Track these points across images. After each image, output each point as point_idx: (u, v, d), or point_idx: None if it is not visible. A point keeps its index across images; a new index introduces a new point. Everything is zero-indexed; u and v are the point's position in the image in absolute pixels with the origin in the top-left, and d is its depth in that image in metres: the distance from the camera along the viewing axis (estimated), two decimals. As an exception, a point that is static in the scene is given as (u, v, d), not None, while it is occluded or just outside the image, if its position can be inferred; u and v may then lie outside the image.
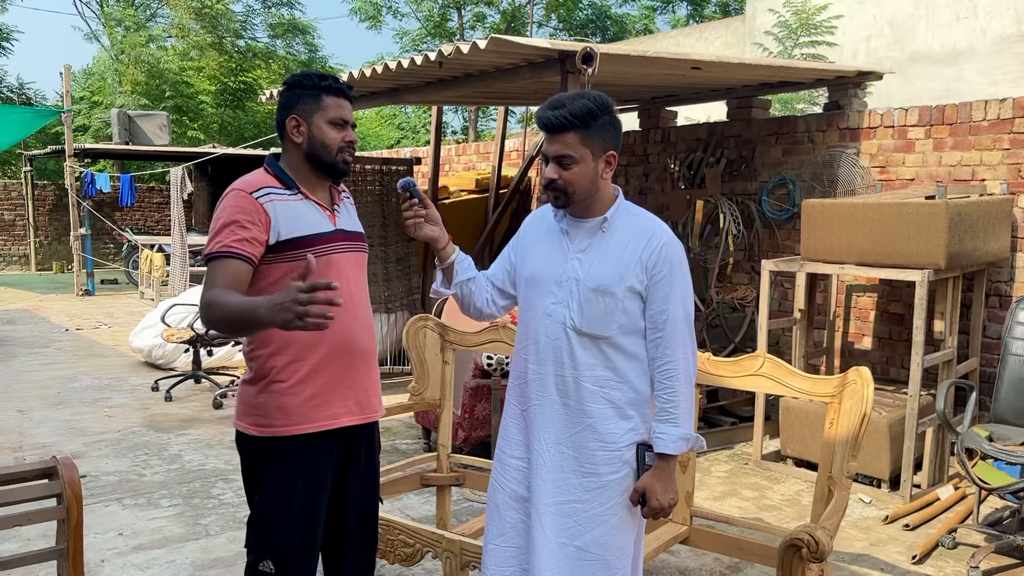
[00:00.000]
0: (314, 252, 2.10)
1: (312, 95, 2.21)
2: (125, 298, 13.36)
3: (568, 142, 2.08)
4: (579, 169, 2.10)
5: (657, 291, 2.15)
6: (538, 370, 2.20)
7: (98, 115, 20.07)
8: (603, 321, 2.14)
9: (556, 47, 4.23)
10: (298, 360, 2.18)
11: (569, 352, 2.16)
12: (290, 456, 2.20)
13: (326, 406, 2.22)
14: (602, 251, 2.16)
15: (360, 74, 5.36)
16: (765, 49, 12.16)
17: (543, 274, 2.21)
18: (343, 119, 2.23)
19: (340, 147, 2.22)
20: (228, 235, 2.09)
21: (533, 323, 2.22)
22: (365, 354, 2.29)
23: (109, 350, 8.78)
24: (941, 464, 4.75)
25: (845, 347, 5.76)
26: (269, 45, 23.44)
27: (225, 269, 2.07)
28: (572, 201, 2.14)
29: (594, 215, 2.18)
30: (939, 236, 4.26)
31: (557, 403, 2.18)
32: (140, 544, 3.85)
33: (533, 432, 2.21)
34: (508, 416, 2.31)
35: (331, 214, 2.26)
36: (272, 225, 2.12)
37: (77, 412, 6.18)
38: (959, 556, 3.83)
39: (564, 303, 2.16)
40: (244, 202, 2.13)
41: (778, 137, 6.14)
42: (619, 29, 23.85)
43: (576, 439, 2.17)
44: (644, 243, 2.15)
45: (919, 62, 11.39)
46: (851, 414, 2.80)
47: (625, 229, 2.17)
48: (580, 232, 2.20)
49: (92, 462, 5.00)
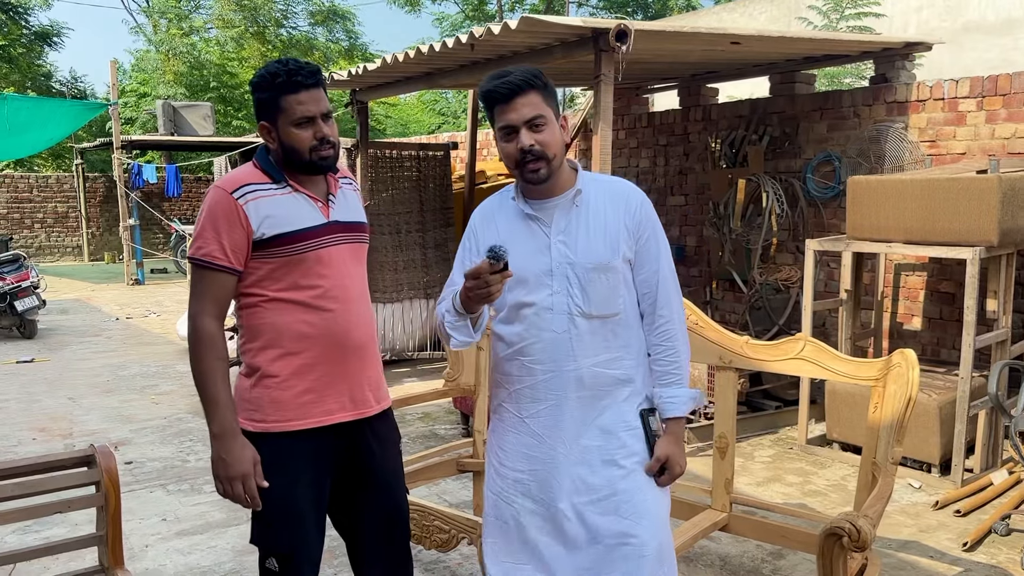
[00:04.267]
0: (303, 247, 2.08)
1: (270, 98, 2.07)
2: (174, 287, 13.62)
3: (534, 102, 1.94)
4: (550, 129, 1.96)
5: (646, 253, 2.07)
6: (548, 369, 2.02)
7: (145, 107, 20.42)
8: (609, 299, 2.03)
9: (589, 25, 4.15)
10: (290, 354, 2.11)
11: (579, 341, 2.01)
12: (285, 452, 2.13)
13: (320, 402, 2.14)
14: (584, 226, 2.02)
15: (393, 59, 5.33)
16: (810, 23, 11.85)
17: (527, 268, 2.00)
18: (306, 116, 2.06)
19: (312, 146, 2.08)
20: (209, 240, 2.06)
21: (529, 322, 2.02)
22: (359, 348, 2.18)
23: (158, 338, 8.95)
24: (994, 448, 4.59)
25: (894, 328, 5.59)
26: (310, 33, 23.60)
27: (211, 283, 2.08)
28: (552, 170, 1.97)
29: (561, 191, 2.04)
30: (991, 212, 4.09)
31: (573, 399, 2.03)
32: (183, 530, 3.91)
33: (547, 436, 2.05)
34: (503, 426, 2.13)
35: (324, 206, 2.16)
36: (252, 225, 2.05)
37: (125, 399, 6.31)
38: (1012, 543, 3.69)
39: (564, 291, 2.01)
40: (224, 202, 2.06)
41: (823, 112, 5.96)
42: (661, 7, 23.46)
43: (599, 429, 2.04)
44: (623, 208, 2.05)
45: (972, 32, 10.98)
46: (896, 398, 2.71)
47: (598, 198, 2.05)
48: (551, 213, 2.03)
49: (138, 448, 5.10)
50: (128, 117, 20.83)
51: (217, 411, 2.07)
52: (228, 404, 2.08)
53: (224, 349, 2.12)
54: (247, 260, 2.08)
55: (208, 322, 2.09)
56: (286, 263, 2.08)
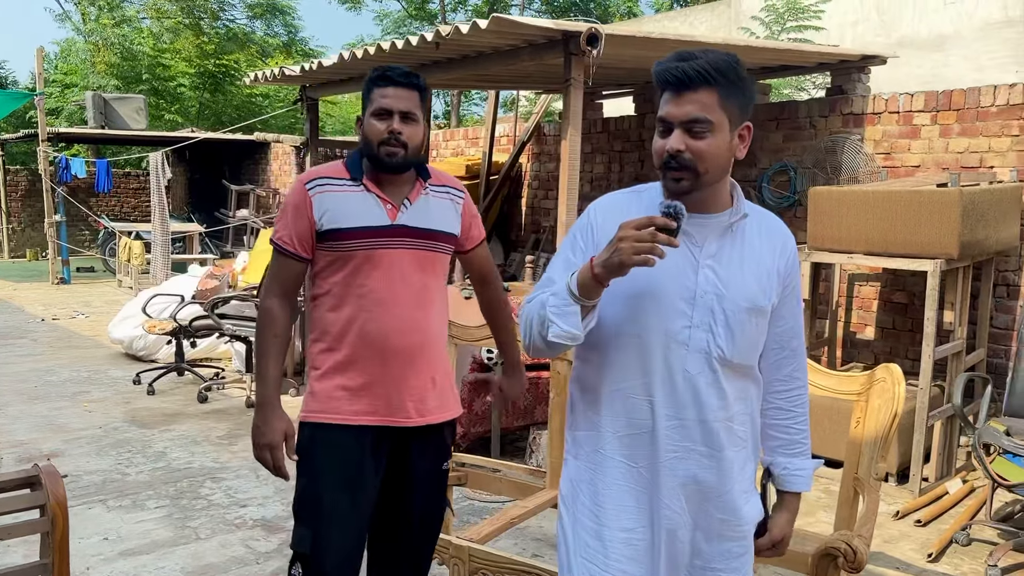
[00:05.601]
0: (355, 245, 2.14)
1: (365, 91, 2.19)
2: (102, 286, 13.05)
3: (705, 102, 1.58)
4: (715, 140, 1.60)
5: (787, 305, 1.78)
6: (676, 415, 1.68)
7: (72, 98, 19.59)
8: (754, 347, 1.74)
9: (560, 27, 4.06)
10: (331, 349, 2.19)
11: (716, 389, 1.68)
12: (313, 444, 2.20)
13: (352, 400, 2.17)
14: (738, 258, 1.69)
15: (351, 56, 5.15)
16: (752, 33, 12.04)
17: (662, 287, 1.66)
18: (384, 108, 2.13)
19: (382, 139, 2.12)
20: (283, 227, 2.20)
21: (653, 353, 1.68)
22: (402, 355, 2.17)
23: (87, 341, 8.52)
24: (949, 457, 4.66)
25: (847, 337, 5.66)
26: (247, 27, 23.01)
27: (280, 266, 2.23)
28: (700, 185, 1.62)
29: (718, 209, 1.69)
30: (952, 225, 4.15)
31: (703, 455, 1.70)
32: (127, 549, 3.66)
33: (662, 494, 1.72)
34: (612, 478, 1.75)
35: (393, 208, 2.17)
36: (315, 216, 2.15)
37: (55, 407, 5.96)
38: (974, 553, 3.74)
39: (705, 327, 1.66)
40: (297, 192, 2.19)
41: (779, 122, 6.01)
42: (602, 12, 23.61)
43: (725, 497, 1.74)
44: (779, 249, 1.74)
45: (905, 47, 11.31)
46: (880, 413, 2.69)
47: (755, 229, 1.73)
48: (703, 231, 1.68)
49: (73, 461, 4.80)
50: (52, 108, 19.95)
51: (261, 382, 2.22)
52: (274, 377, 2.20)
53: (281, 327, 2.22)
54: (314, 249, 2.19)
55: (271, 300, 2.22)
56: (339, 258, 2.16)
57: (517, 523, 3.19)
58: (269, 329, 2.22)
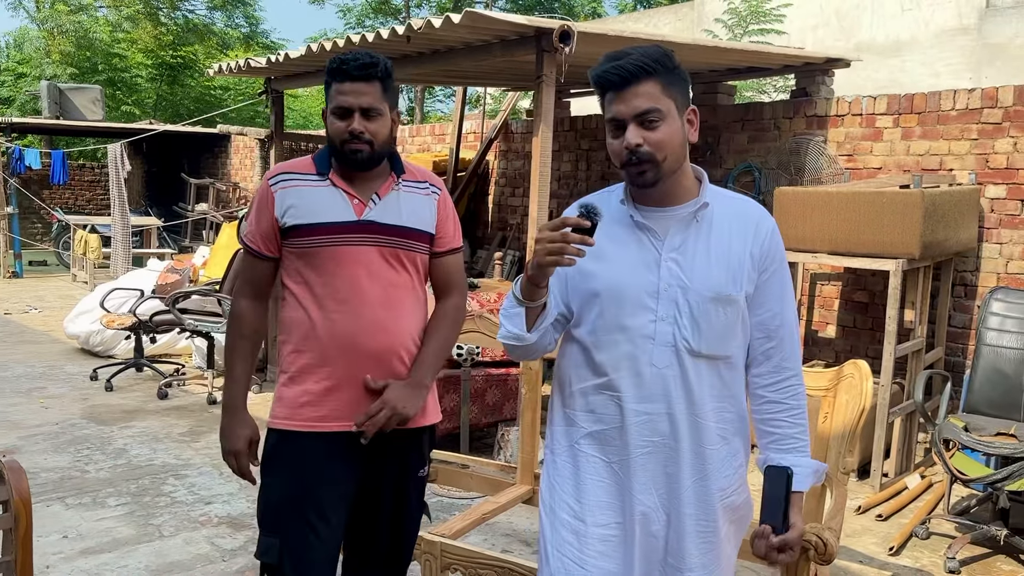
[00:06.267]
0: (317, 242, 2.05)
1: (326, 84, 2.07)
2: (56, 280, 12.74)
3: (650, 93, 1.61)
4: (668, 127, 1.62)
5: (769, 290, 1.74)
6: (645, 409, 1.68)
7: (25, 87, 19.10)
8: (725, 338, 1.70)
9: (533, 24, 4.06)
10: (297, 351, 2.09)
11: (683, 382, 1.68)
12: (278, 451, 2.11)
13: (317, 405, 2.06)
14: (704, 247, 1.69)
15: (319, 48, 5.09)
16: (715, 36, 12.17)
17: (627, 284, 1.67)
18: (342, 106, 2.00)
19: (343, 139, 2.01)
20: (249, 225, 2.15)
21: (622, 350, 1.69)
22: (372, 358, 2.06)
23: (41, 336, 8.31)
24: (908, 453, 4.77)
25: (809, 336, 5.75)
26: (207, 18, 22.65)
27: (247, 264, 2.18)
28: (662, 174, 1.64)
29: (682, 200, 1.70)
30: (914, 226, 4.24)
31: (672, 449, 1.70)
32: (88, 548, 3.58)
33: (634, 490, 1.71)
34: (586, 473, 1.75)
35: (360, 204, 2.06)
36: (277, 213, 2.08)
37: (10, 403, 5.80)
38: (933, 546, 3.83)
39: (671, 319, 1.67)
40: (262, 188, 2.13)
41: (744, 124, 6.08)
42: (567, 12, 23.69)
43: (696, 494, 1.72)
44: (752, 233, 1.72)
45: (864, 51, 11.53)
46: (848, 408, 2.74)
47: (723, 217, 1.72)
48: (665, 224, 1.69)
49: (30, 458, 4.67)
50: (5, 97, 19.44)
51: (229, 384, 2.17)
52: (240, 380, 2.16)
53: (250, 328, 2.17)
54: (280, 247, 2.12)
55: (239, 301, 2.18)
56: (302, 255, 2.07)
57: (489, 518, 3.19)
58: (237, 330, 2.16)
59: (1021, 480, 3.53)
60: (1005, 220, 4.86)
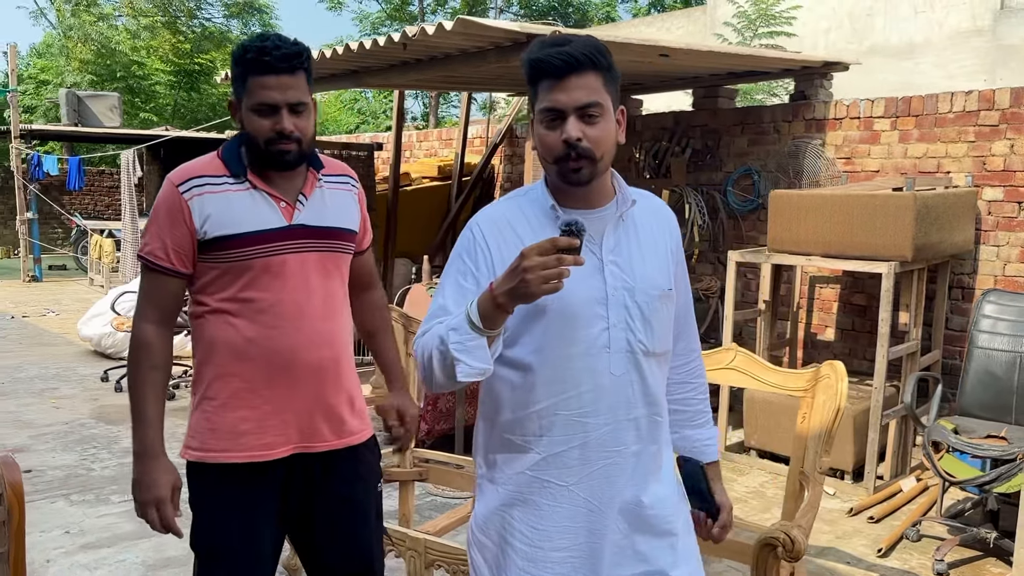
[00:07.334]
0: (249, 253, 1.85)
1: (239, 75, 1.84)
2: (74, 284, 12.97)
3: (592, 86, 1.52)
4: (606, 124, 1.54)
5: (680, 282, 1.74)
6: (606, 421, 1.60)
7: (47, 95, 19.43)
8: (668, 333, 1.70)
9: (524, 30, 4.12)
10: (228, 375, 1.88)
11: (641, 384, 1.63)
12: (220, 486, 1.92)
13: (260, 432, 1.89)
14: (636, 247, 1.64)
15: (320, 55, 5.19)
16: (725, 40, 12.18)
17: (571, 296, 1.53)
18: (266, 103, 1.80)
19: (268, 138, 1.82)
20: (154, 238, 1.88)
21: (577, 365, 1.59)
22: (313, 373, 1.91)
23: (57, 338, 8.48)
24: (904, 456, 4.77)
25: (808, 338, 5.77)
26: (224, 26, 22.93)
27: (153, 285, 1.90)
28: (597, 172, 1.56)
29: (604, 200, 1.63)
30: (906, 228, 4.25)
31: (632, 453, 1.64)
32: (88, 543, 3.68)
33: (599, 502, 1.63)
34: (542, 499, 1.63)
35: (288, 206, 1.89)
36: (195, 223, 1.84)
37: (23, 403, 5.94)
38: (923, 548, 3.84)
39: (623, 325, 1.59)
40: (169, 196, 1.87)
41: (744, 127, 6.11)
42: (581, 16, 23.79)
43: (653, 490, 1.68)
44: (667, 228, 1.72)
45: (877, 54, 11.51)
46: (824, 408, 2.76)
47: (644, 214, 1.68)
48: (599, 226, 1.61)
49: (38, 456, 4.80)
50: (29, 106, 19.78)
51: (140, 427, 1.89)
52: (154, 420, 1.89)
53: (161, 358, 1.91)
54: (195, 262, 1.88)
55: (145, 327, 1.89)
56: (229, 269, 1.86)
57: (474, 516, 3.25)
58: (145, 361, 1.88)
59: (1009, 482, 3.53)
60: (1002, 222, 4.86)
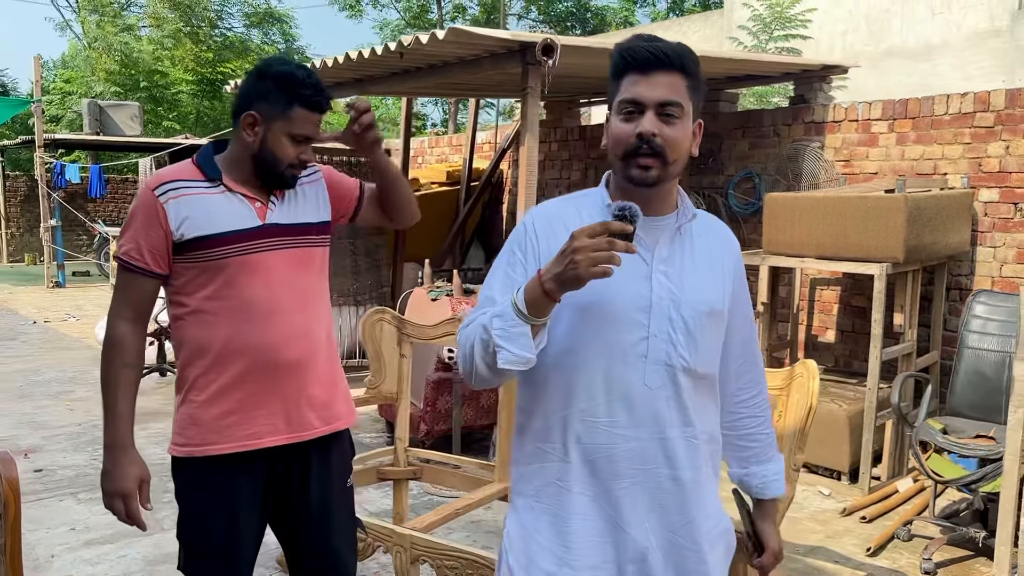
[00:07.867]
0: (225, 252, 1.94)
1: (282, 100, 1.94)
2: (96, 290, 13.22)
3: (676, 85, 1.46)
4: (684, 128, 1.48)
5: (741, 309, 1.67)
6: (634, 435, 1.52)
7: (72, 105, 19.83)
8: (715, 355, 1.61)
9: (516, 38, 4.20)
10: (212, 371, 1.98)
11: (677, 403, 1.53)
12: (203, 479, 2.00)
13: (246, 423, 1.99)
14: (690, 261, 1.56)
15: (322, 64, 5.30)
16: (740, 43, 12.18)
17: (614, 298, 1.49)
18: (304, 135, 1.97)
19: (291, 163, 1.98)
20: (130, 240, 1.96)
21: (608, 370, 1.51)
22: (295, 366, 2.01)
23: (76, 342, 8.69)
24: (900, 456, 4.78)
25: (809, 340, 5.78)
26: (244, 35, 23.27)
27: (129, 285, 1.98)
28: (666, 176, 1.49)
29: (667, 210, 1.56)
30: (898, 229, 4.27)
31: (665, 477, 1.54)
32: (91, 539, 3.80)
33: (625, 524, 1.54)
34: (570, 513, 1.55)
35: (262, 206, 2.00)
36: (171, 225, 1.93)
37: (39, 405, 6.11)
38: (914, 548, 3.85)
39: (664, 336, 1.51)
40: (145, 200, 1.95)
41: (745, 131, 6.14)
42: (599, 21, 23.86)
43: (692, 525, 1.57)
44: (728, 248, 1.65)
45: (894, 56, 11.45)
46: (798, 407, 2.80)
47: (702, 232, 1.62)
48: (654, 235, 1.54)
49: (49, 456, 4.95)
50: (53, 115, 20.20)
51: (111, 421, 1.99)
52: (124, 415, 1.99)
53: (134, 356, 2.00)
54: (170, 264, 1.97)
55: (120, 325, 1.98)
56: (207, 269, 1.94)
57: (462, 513, 3.31)
58: (117, 358, 1.97)
59: (994, 482, 3.54)
60: (998, 223, 4.86)
